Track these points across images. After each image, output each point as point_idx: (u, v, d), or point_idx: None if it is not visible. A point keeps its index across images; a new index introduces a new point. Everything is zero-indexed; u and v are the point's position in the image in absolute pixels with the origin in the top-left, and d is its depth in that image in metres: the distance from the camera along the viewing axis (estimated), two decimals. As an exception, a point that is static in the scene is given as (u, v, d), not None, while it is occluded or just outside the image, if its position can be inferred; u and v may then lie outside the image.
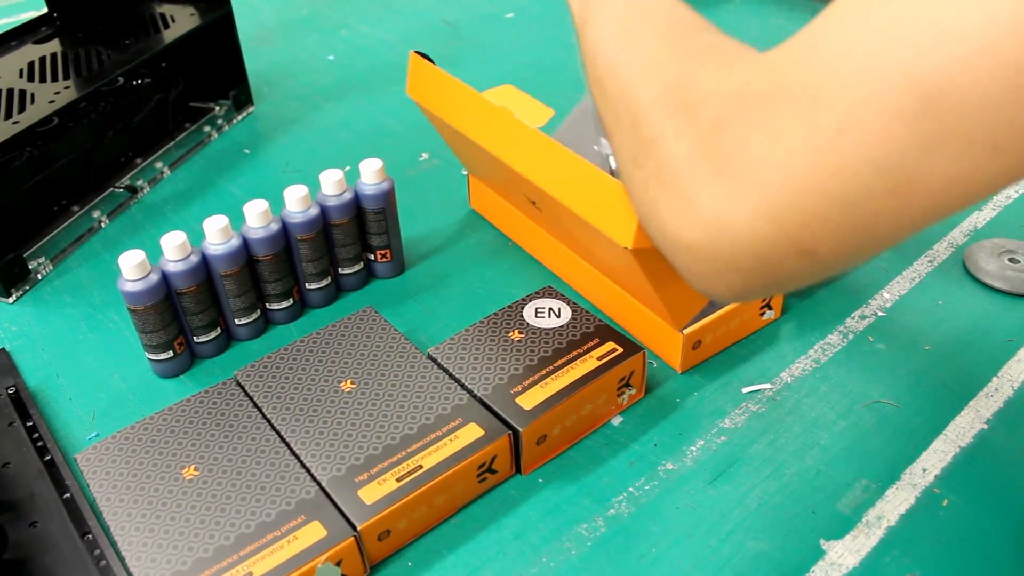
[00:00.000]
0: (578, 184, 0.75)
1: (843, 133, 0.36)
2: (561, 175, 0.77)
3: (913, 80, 0.34)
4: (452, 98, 0.90)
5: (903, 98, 0.34)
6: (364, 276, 0.98)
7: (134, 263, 0.81)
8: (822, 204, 0.38)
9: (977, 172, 0.35)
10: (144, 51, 1.18)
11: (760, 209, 0.40)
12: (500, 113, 0.83)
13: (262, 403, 0.77)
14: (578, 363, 0.77)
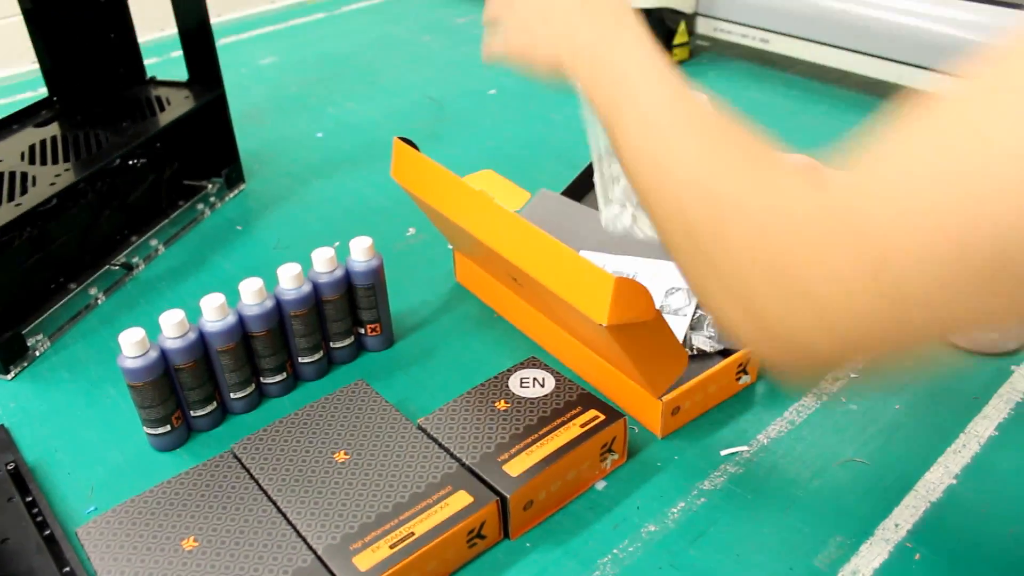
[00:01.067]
0: (554, 264, 0.79)
1: (896, 277, 0.39)
2: (538, 256, 0.81)
3: (974, 228, 0.36)
4: (434, 182, 0.94)
5: (963, 245, 0.37)
6: (355, 349, 1.01)
7: (134, 340, 0.84)
8: (877, 327, 0.41)
9: (1019, 306, 0.38)
10: (141, 133, 1.23)
11: (824, 330, 0.43)
12: (479, 196, 0.88)
13: (258, 475, 0.79)
14: (562, 431, 0.80)
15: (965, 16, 1.47)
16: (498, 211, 0.86)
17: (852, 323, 0.41)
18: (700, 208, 0.49)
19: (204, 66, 1.33)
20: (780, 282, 0.44)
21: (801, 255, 0.42)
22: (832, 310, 0.42)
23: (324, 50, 2.02)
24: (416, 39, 2.07)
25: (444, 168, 0.93)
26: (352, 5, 2.34)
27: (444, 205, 0.93)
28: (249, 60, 1.98)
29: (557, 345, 0.98)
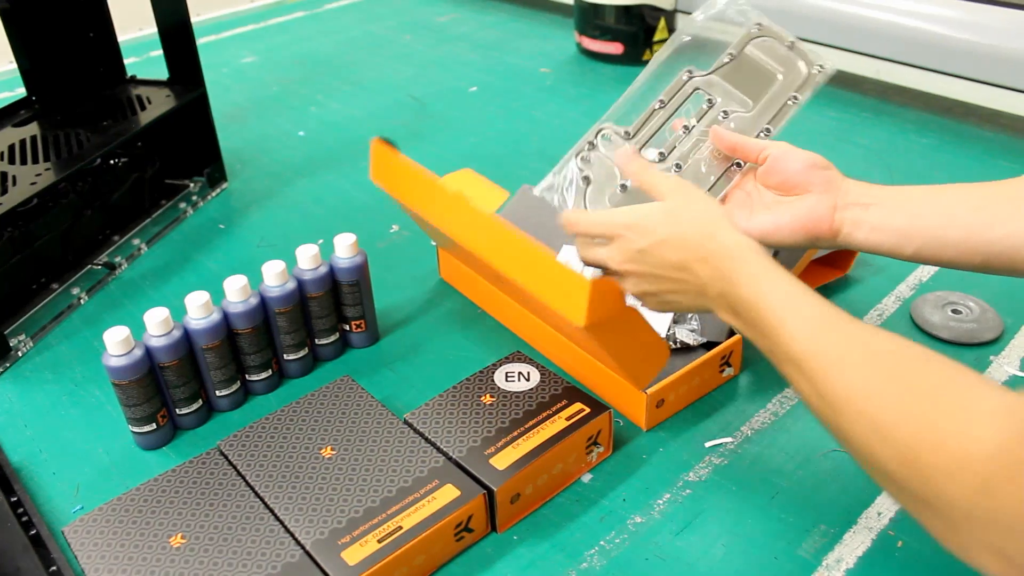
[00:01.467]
0: (530, 266, 0.79)
1: None
2: (515, 257, 0.81)
3: None
4: (412, 183, 0.94)
5: None
6: (340, 346, 1.01)
7: (119, 339, 0.84)
8: None
9: None
10: (121, 133, 1.23)
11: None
12: (455, 198, 0.87)
13: (245, 471, 0.79)
14: (548, 424, 0.81)
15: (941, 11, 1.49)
16: (474, 213, 0.86)
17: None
18: (893, 457, 0.50)
19: (185, 65, 1.32)
20: (1001, 532, 0.44)
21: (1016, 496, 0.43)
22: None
23: (305, 49, 2.02)
24: (397, 38, 2.07)
25: (421, 169, 0.93)
26: (333, 4, 2.34)
27: (422, 207, 0.94)
28: (230, 59, 1.97)
29: (541, 340, 0.99)
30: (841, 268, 1.12)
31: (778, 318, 0.60)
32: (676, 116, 0.81)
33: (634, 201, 0.75)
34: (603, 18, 1.80)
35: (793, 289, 0.60)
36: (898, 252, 0.72)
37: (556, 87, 1.75)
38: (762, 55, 0.82)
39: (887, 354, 0.54)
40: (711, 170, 0.79)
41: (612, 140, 0.81)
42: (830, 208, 0.73)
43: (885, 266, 1.14)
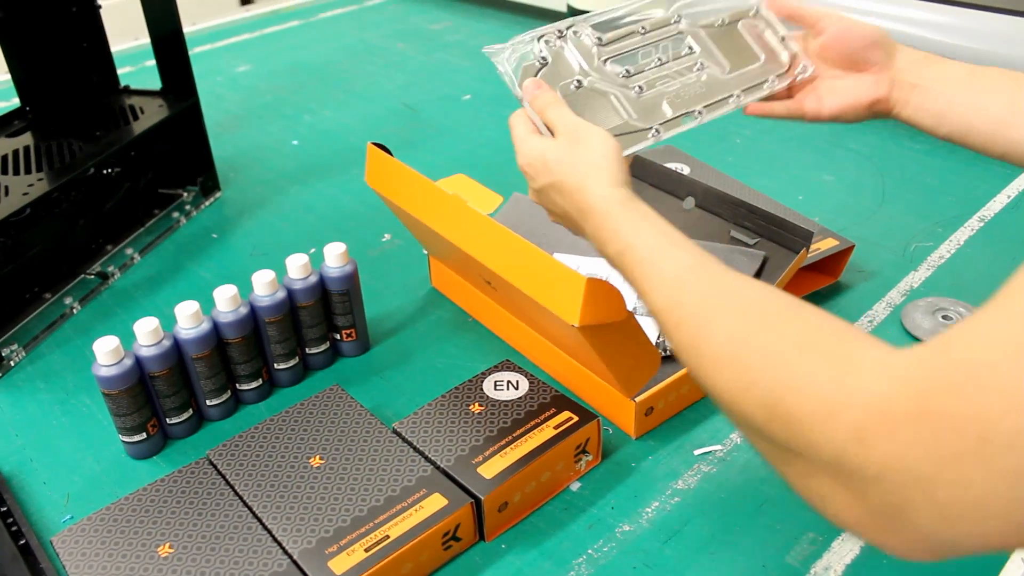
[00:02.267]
0: (526, 266, 0.80)
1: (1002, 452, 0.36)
2: (510, 258, 0.82)
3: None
4: (408, 186, 0.95)
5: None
6: (330, 355, 1.02)
7: (108, 349, 0.84)
8: (995, 506, 0.38)
9: None
10: (114, 142, 1.23)
11: (938, 545, 0.40)
12: (453, 200, 0.88)
13: (234, 481, 0.80)
14: (536, 432, 0.81)
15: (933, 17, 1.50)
16: (471, 214, 0.87)
17: (969, 507, 0.38)
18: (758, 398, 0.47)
19: (177, 75, 1.33)
20: (886, 510, 0.41)
21: (895, 450, 0.40)
22: (946, 494, 0.38)
23: (299, 58, 2.03)
24: (391, 46, 2.07)
25: (417, 172, 0.94)
26: (327, 12, 2.35)
27: (418, 209, 0.94)
28: (224, 68, 1.98)
29: (531, 348, 0.99)
30: (832, 274, 1.12)
31: (642, 272, 0.60)
32: (653, 47, 0.80)
33: (584, 102, 0.74)
34: (596, 26, 1.80)
35: (657, 242, 0.60)
36: (934, 132, 0.77)
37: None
38: (749, 36, 0.83)
39: (757, 302, 0.52)
40: (673, 106, 0.78)
41: (581, 39, 0.78)
42: (888, 86, 0.77)
43: (876, 272, 1.15)
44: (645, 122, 0.76)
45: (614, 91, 0.76)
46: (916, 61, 0.77)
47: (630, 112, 0.76)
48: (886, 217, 1.28)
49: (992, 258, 1.17)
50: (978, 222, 1.26)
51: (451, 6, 2.35)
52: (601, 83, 0.76)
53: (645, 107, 0.77)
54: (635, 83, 0.77)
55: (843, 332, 0.47)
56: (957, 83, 0.75)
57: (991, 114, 0.73)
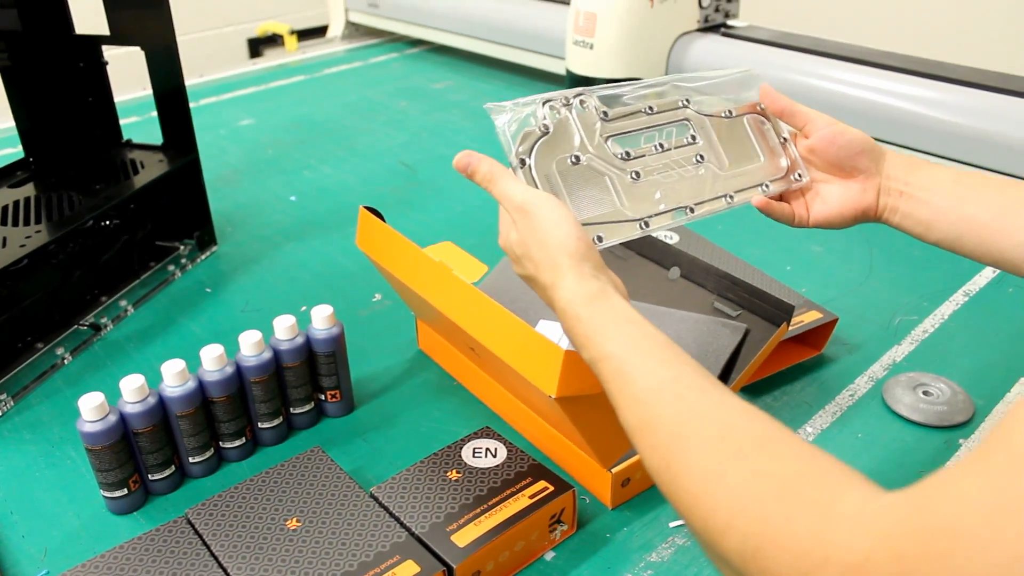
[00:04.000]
0: (506, 336, 0.82)
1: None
2: (491, 327, 0.83)
3: None
4: (396, 251, 0.97)
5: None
6: (315, 415, 1.03)
7: (93, 405, 0.85)
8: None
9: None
10: (114, 196, 1.25)
11: None
12: (438, 267, 0.90)
13: (211, 541, 0.80)
14: (511, 502, 0.82)
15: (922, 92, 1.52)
16: (455, 282, 0.88)
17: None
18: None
19: (178, 131, 1.36)
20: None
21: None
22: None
23: (302, 113, 2.06)
24: (393, 103, 2.11)
25: (405, 238, 0.96)
26: (332, 68, 2.39)
27: (405, 274, 0.96)
28: (228, 121, 2.01)
29: (513, 414, 1.00)
30: (816, 346, 1.14)
31: (616, 387, 0.58)
32: (656, 131, 0.80)
33: (578, 179, 0.74)
34: (594, 91, 1.83)
35: (629, 353, 0.59)
36: (923, 238, 0.78)
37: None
38: (753, 133, 0.84)
39: (734, 431, 0.51)
40: (666, 199, 0.78)
41: (587, 111, 0.78)
42: (876, 193, 0.79)
43: (859, 345, 1.16)
44: (636, 211, 0.76)
45: (610, 173, 0.77)
46: (903, 167, 0.79)
47: (622, 197, 0.76)
48: (873, 289, 1.29)
49: (975, 333, 1.18)
50: (963, 296, 1.27)
51: (454, 65, 2.39)
52: (598, 162, 0.76)
53: (638, 194, 0.77)
54: (632, 168, 0.77)
55: (823, 473, 0.46)
56: (944, 191, 0.76)
57: (979, 223, 0.74)
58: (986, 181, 0.77)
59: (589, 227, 0.73)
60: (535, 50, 2.15)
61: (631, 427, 0.57)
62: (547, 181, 0.73)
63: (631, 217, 0.75)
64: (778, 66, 1.70)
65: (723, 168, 0.82)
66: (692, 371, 0.56)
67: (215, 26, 2.98)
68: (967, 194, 0.76)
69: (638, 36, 1.78)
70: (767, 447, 0.49)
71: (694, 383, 0.55)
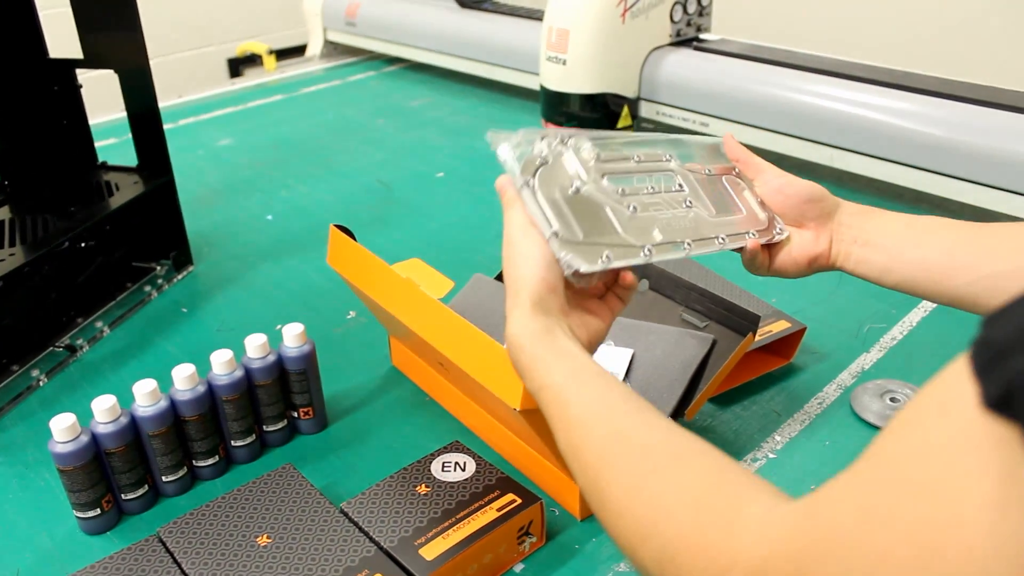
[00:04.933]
0: (471, 350, 0.83)
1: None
2: (458, 342, 0.85)
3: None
4: (365, 269, 0.98)
5: None
6: (288, 432, 1.03)
7: (64, 426, 0.86)
8: None
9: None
10: (89, 217, 1.26)
11: None
12: (406, 284, 0.91)
13: (182, 559, 0.81)
14: (479, 514, 0.83)
15: (891, 103, 1.55)
16: (422, 297, 0.90)
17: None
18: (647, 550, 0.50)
19: (153, 152, 1.37)
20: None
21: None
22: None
23: (280, 132, 2.07)
24: (371, 122, 2.12)
25: (373, 255, 0.97)
26: (310, 87, 2.41)
27: (374, 291, 0.97)
28: (207, 141, 2.02)
29: (483, 428, 1.01)
30: (785, 356, 1.15)
31: (552, 413, 0.61)
32: (647, 176, 0.82)
33: (580, 206, 0.75)
34: (568, 106, 1.85)
35: (566, 381, 0.61)
36: (879, 283, 0.80)
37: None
38: (732, 191, 0.86)
39: (654, 448, 0.54)
40: (664, 232, 0.79)
41: (581, 152, 0.79)
42: (828, 242, 0.81)
43: (828, 354, 1.17)
44: (637, 241, 0.77)
45: (610, 203, 0.77)
46: (856, 215, 0.81)
47: (623, 227, 0.77)
48: (843, 298, 1.31)
49: (943, 339, 1.20)
50: (931, 304, 1.29)
51: (431, 83, 2.41)
52: (598, 193, 0.77)
53: (637, 227, 0.78)
54: (629, 202, 0.79)
55: (731, 484, 0.49)
56: (896, 237, 0.79)
57: (932, 266, 0.76)
58: (938, 224, 0.79)
59: (597, 246, 0.74)
60: (510, 66, 2.17)
61: (565, 451, 0.60)
62: (554, 205, 0.74)
63: (634, 244, 0.77)
64: (750, 79, 1.72)
65: (711, 215, 0.83)
66: (622, 398, 0.59)
67: (195, 46, 3.00)
68: (919, 238, 0.78)
69: (610, 51, 1.80)
70: (682, 461, 0.52)
71: (622, 408, 0.58)
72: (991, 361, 0.36)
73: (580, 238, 0.73)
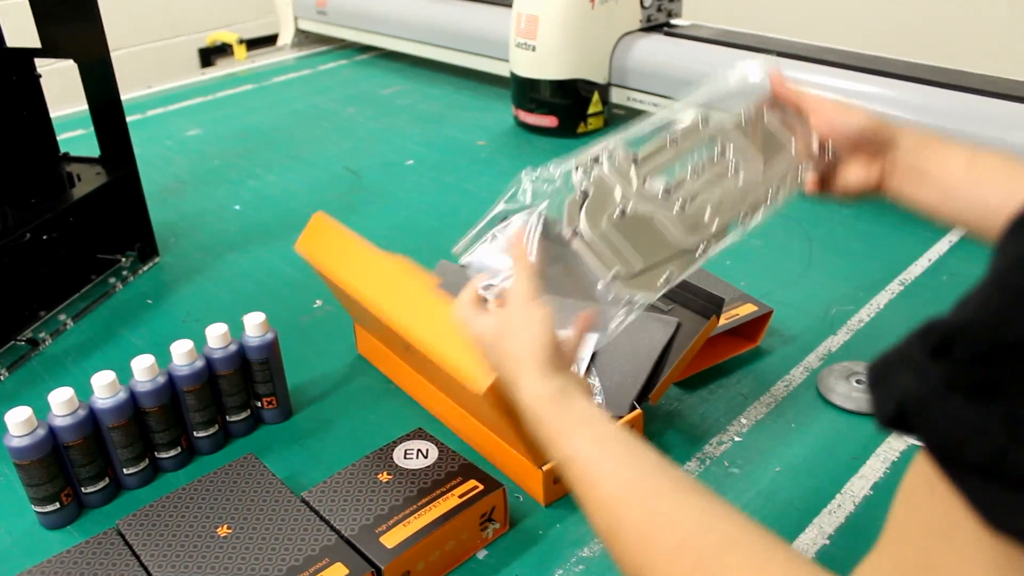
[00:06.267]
0: (436, 332, 0.82)
1: None
2: (422, 324, 0.84)
3: None
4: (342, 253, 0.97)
5: None
6: (252, 422, 1.02)
7: (19, 420, 0.85)
8: None
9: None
10: (50, 209, 1.25)
11: None
12: (384, 269, 0.91)
13: (141, 551, 0.80)
14: (440, 501, 0.82)
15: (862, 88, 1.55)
16: (399, 281, 0.89)
17: None
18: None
19: (115, 143, 1.35)
20: None
21: None
22: None
23: (250, 122, 2.06)
24: (341, 110, 2.11)
25: (358, 237, 0.97)
26: (281, 77, 2.39)
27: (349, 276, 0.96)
28: (175, 132, 2.00)
29: (448, 415, 1.00)
30: (752, 339, 1.15)
31: (581, 490, 0.59)
32: (688, 156, 0.80)
33: (631, 229, 0.75)
34: (539, 92, 1.85)
35: (591, 453, 0.59)
36: (930, 217, 0.78)
37: (491, 160, 1.79)
38: (774, 126, 0.83)
39: (690, 539, 0.52)
40: (717, 215, 0.78)
41: (618, 162, 0.78)
42: (880, 174, 0.79)
43: (796, 336, 1.17)
44: (692, 238, 0.76)
45: (657, 212, 0.76)
46: (914, 146, 0.78)
47: (676, 230, 0.76)
48: (810, 281, 1.31)
49: (910, 321, 1.18)
50: (899, 286, 1.29)
51: (403, 71, 2.39)
52: (643, 205, 0.76)
53: (690, 222, 0.77)
54: (676, 198, 0.77)
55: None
56: (957, 171, 0.76)
57: (990, 207, 0.73)
58: (1001, 162, 0.75)
59: (656, 269, 0.74)
60: (481, 53, 2.16)
61: (600, 532, 0.58)
62: (604, 239, 0.74)
63: (689, 247, 0.76)
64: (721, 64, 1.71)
65: (759, 168, 0.81)
66: (652, 470, 0.57)
67: (166, 36, 2.97)
68: (981, 174, 0.75)
69: (580, 37, 1.79)
70: (723, 556, 0.51)
71: (654, 486, 0.56)
72: (877, 380, 0.37)
73: (638, 268, 0.73)
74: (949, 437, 0.34)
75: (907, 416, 0.35)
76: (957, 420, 0.33)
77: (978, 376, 0.33)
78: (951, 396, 0.34)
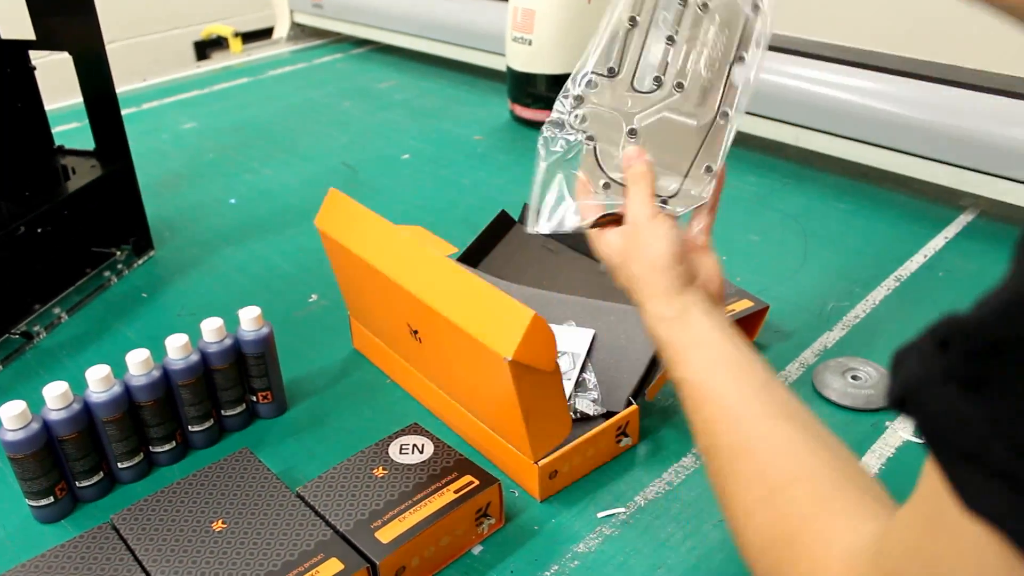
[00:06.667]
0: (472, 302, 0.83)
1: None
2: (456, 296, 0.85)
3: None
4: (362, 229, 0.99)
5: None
6: (247, 417, 1.02)
7: (13, 413, 0.84)
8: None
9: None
10: (45, 202, 1.24)
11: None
12: (408, 241, 0.93)
13: (135, 546, 0.80)
14: (435, 497, 0.82)
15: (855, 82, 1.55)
16: (424, 253, 0.91)
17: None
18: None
19: (110, 136, 1.34)
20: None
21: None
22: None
23: (246, 116, 2.05)
24: (337, 104, 2.10)
25: (375, 214, 0.98)
26: (276, 70, 2.38)
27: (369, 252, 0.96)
28: (171, 125, 2.00)
29: (444, 410, 1.00)
30: (748, 335, 1.15)
31: (689, 408, 0.63)
32: (652, 34, 0.76)
33: (648, 144, 0.75)
34: (535, 87, 1.84)
35: (701, 377, 0.63)
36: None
37: (487, 154, 1.78)
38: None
39: (770, 466, 0.56)
40: (712, 73, 0.76)
41: (599, 85, 0.76)
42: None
43: (792, 332, 1.17)
44: (707, 108, 0.76)
45: (664, 112, 0.76)
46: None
47: (693, 113, 0.76)
48: (806, 277, 1.31)
49: (905, 318, 1.20)
50: (894, 282, 1.29)
51: (399, 65, 2.39)
52: (648, 114, 0.76)
53: (698, 95, 0.76)
54: (670, 84, 0.76)
55: (829, 516, 0.51)
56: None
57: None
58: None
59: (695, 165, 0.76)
60: (477, 47, 2.15)
61: (701, 450, 0.63)
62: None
63: (709, 119, 0.76)
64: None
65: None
66: (752, 396, 0.61)
67: (160, 30, 2.95)
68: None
69: (576, 31, 1.79)
70: (790, 488, 0.54)
71: (750, 412, 0.60)
72: (895, 364, 0.39)
73: (685, 170, 0.75)
74: (939, 423, 0.37)
75: (906, 400, 0.38)
76: (948, 409, 0.36)
77: (971, 370, 0.35)
78: (947, 386, 0.36)
